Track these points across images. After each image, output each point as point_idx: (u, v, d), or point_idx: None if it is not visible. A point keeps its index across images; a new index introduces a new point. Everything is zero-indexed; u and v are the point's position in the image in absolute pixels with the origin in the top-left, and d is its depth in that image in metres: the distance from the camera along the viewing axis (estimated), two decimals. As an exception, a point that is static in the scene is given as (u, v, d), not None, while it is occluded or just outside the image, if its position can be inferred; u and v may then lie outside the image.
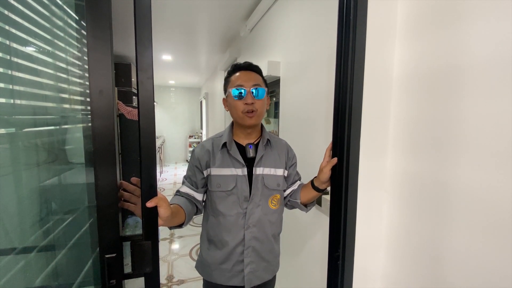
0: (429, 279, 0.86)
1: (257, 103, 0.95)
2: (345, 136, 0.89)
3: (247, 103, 0.94)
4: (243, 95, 0.94)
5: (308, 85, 1.51)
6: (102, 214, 0.57)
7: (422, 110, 0.86)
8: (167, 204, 0.70)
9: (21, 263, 0.74)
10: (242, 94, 0.94)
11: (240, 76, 0.97)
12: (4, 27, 0.69)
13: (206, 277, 1.04)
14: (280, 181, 1.04)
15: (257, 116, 0.97)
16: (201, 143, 1.05)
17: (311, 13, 1.47)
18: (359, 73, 0.87)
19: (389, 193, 0.99)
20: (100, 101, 0.54)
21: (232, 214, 0.97)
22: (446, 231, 0.79)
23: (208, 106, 6.14)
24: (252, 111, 0.95)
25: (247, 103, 0.94)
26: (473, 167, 0.71)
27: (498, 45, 0.65)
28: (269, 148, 1.04)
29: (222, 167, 0.98)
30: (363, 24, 0.86)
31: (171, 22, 2.77)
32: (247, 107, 0.94)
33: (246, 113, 0.95)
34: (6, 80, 0.71)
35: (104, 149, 0.55)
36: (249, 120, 0.95)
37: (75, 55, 1.00)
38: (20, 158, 0.77)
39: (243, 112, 0.95)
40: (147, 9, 0.56)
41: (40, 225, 0.82)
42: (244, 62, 1.02)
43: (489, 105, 0.67)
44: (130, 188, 0.67)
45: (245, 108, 0.94)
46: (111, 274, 0.59)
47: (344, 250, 0.91)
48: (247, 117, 0.95)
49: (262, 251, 1.02)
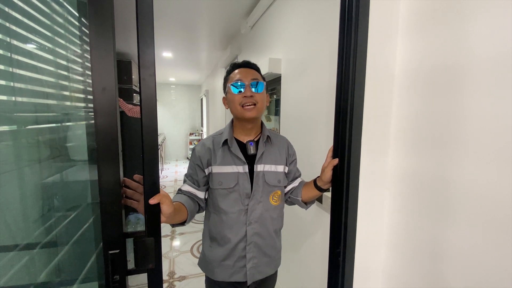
0: (429, 275, 0.86)
1: (256, 96, 0.96)
2: (347, 133, 0.89)
3: (246, 96, 0.95)
4: (242, 89, 0.95)
5: (310, 83, 1.51)
6: (106, 211, 0.58)
7: (423, 107, 0.86)
8: (170, 200, 0.71)
9: (25, 259, 0.75)
10: (241, 88, 0.95)
11: (239, 72, 0.98)
12: (10, 26, 0.69)
13: (209, 274, 1.05)
14: (281, 177, 1.05)
15: (257, 109, 0.97)
16: (202, 141, 1.05)
17: (312, 10, 1.47)
18: (360, 71, 0.87)
19: (390, 190, 0.99)
20: (103, 98, 0.54)
21: (234, 211, 0.98)
22: (447, 228, 0.80)
23: (208, 104, 6.13)
24: (252, 103, 0.95)
25: (246, 96, 0.95)
26: (474, 164, 0.71)
27: (500, 42, 0.65)
28: (269, 145, 1.04)
29: (224, 164, 0.98)
30: (365, 21, 0.86)
31: (171, 19, 2.76)
32: (246, 100, 0.95)
33: (245, 106, 0.95)
34: (9, 78, 0.71)
35: (107, 147, 0.56)
36: (248, 112, 0.95)
37: (77, 53, 1.00)
38: (24, 155, 0.77)
39: (242, 105, 0.95)
40: (149, 7, 0.56)
41: (45, 221, 0.83)
42: (243, 61, 1.03)
43: (491, 103, 0.67)
44: (132, 185, 0.67)
45: (243, 100, 0.95)
46: (114, 270, 0.60)
47: (345, 247, 0.92)
48: (246, 110, 0.95)
49: (264, 246, 1.03)
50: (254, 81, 0.96)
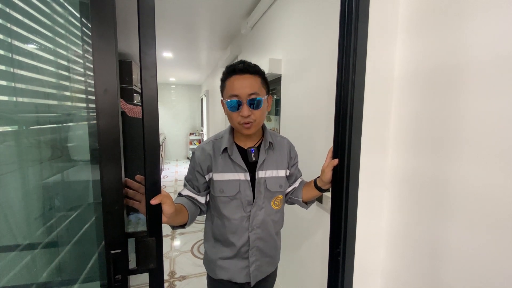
0: (428, 275, 0.87)
1: (254, 114, 0.89)
2: (347, 133, 0.89)
3: (243, 115, 0.88)
4: (239, 108, 0.88)
5: (310, 83, 1.51)
6: (108, 211, 0.58)
7: (423, 108, 0.86)
8: (171, 201, 0.71)
9: (27, 259, 0.75)
10: (237, 107, 0.88)
11: (234, 83, 0.88)
12: (11, 27, 0.69)
13: (211, 273, 1.06)
14: (283, 182, 1.03)
15: (255, 126, 0.92)
16: (201, 145, 1.01)
17: (312, 11, 1.47)
18: (360, 71, 0.87)
19: (389, 190, 1.00)
20: (105, 100, 0.55)
21: (236, 218, 0.97)
22: (446, 228, 0.80)
23: (208, 104, 6.14)
24: (249, 122, 0.90)
25: (243, 115, 0.88)
26: (473, 164, 0.72)
27: (500, 43, 0.65)
28: (271, 150, 1.02)
29: (224, 172, 0.96)
30: (365, 22, 0.86)
31: (172, 19, 2.76)
32: (243, 119, 0.89)
33: (243, 124, 0.90)
34: (11, 79, 0.71)
35: (109, 148, 0.56)
36: (246, 130, 0.92)
37: (78, 53, 1.01)
38: (25, 156, 0.77)
39: (240, 124, 0.90)
40: (151, 8, 0.57)
41: (46, 221, 0.83)
42: (240, 63, 0.91)
43: (490, 103, 0.68)
44: (134, 186, 0.68)
45: (241, 120, 0.89)
46: (116, 270, 0.60)
47: (344, 247, 0.92)
48: (244, 128, 0.91)
49: (266, 249, 1.04)
50: (251, 98, 0.88)
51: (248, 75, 0.90)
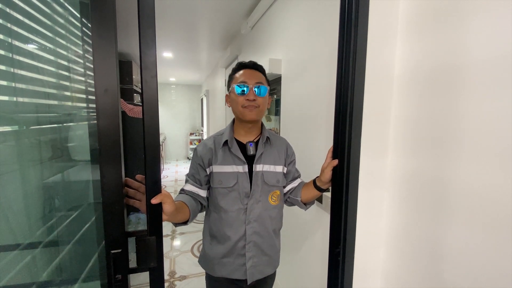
0: (428, 275, 0.87)
1: (258, 100, 0.98)
2: (346, 134, 0.89)
3: (248, 98, 0.97)
4: (245, 92, 0.97)
5: (310, 83, 1.52)
6: (108, 211, 0.59)
7: (423, 108, 0.86)
8: (171, 200, 0.71)
9: (28, 258, 0.76)
10: (244, 91, 0.97)
11: (244, 74, 1.00)
12: (12, 27, 0.69)
13: (209, 271, 1.06)
14: (280, 177, 1.06)
15: (258, 112, 0.99)
16: (203, 141, 1.07)
17: (312, 11, 1.47)
18: (360, 72, 0.87)
19: (389, 191, 1.00)
20: (105, 100, 0.55)
21: (233, 210, 1.00)
22: (446, 228, 0.80)
23: (209, 104, 6.14)
24: (253, 106, 0.98)
25: (249, 98, 0.97)
26: (473, 165, 0.72)
27: (499, 43, 0.66)
28: (268, 146, 1.06)
29: (224, 164, 1.00)
30: (364, 22, 0.86)
31: (172, 19, 2.76)
32: (248, 102, 0.97)
33: (246, 107, 0.97)
34: (11, 79, 0.71)
35: (109, 148, 0.56)
36: (249, 114, 0.98)
37: (79, 54, 1.01)
38: (26, 156, 0.78)
39: (244, 107, 0.98)
40: (151, 8, 0.57)
41: (47, 220, 0.84)
42: (249, 61, 1.05)
43: (489, 103, 0.68)
44: (134, 185, 0.68)
45: (246, 102, 0.97)
46: (116, 269, 0.60)
47: (344, 247, 0.92)
48: (247, 111, 0.98)
49: (263, 245, 1.04)
50: (258, 85, 0.98)
51: (256, 71, 1.03)
